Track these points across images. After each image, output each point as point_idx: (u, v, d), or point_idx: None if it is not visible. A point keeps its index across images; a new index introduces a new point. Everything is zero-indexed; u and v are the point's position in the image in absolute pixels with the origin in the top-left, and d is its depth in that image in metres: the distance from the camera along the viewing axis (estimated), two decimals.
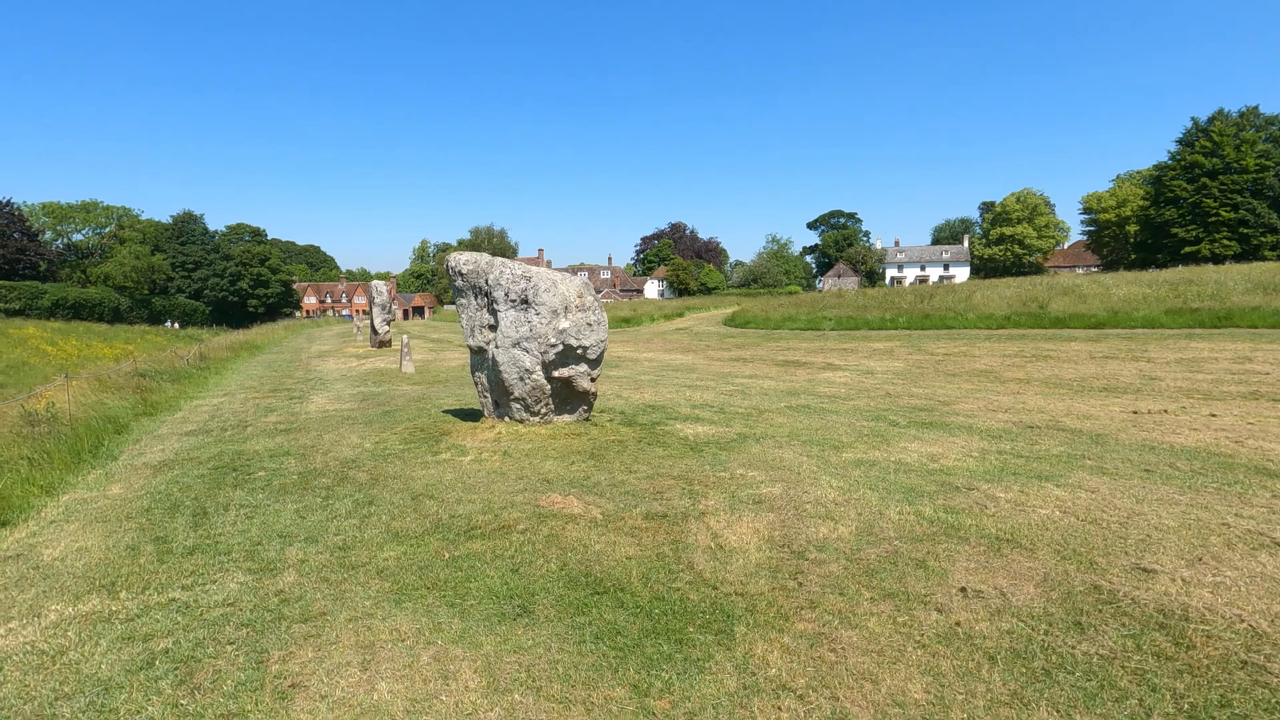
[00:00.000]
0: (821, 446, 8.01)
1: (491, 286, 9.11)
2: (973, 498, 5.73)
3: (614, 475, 6.82)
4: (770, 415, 10.56)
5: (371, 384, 16.65)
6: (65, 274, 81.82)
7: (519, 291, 8.94)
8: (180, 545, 5.22)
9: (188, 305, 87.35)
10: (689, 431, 9.22)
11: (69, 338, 57.24)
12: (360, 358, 24.92)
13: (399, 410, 11.96)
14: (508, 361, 9.00)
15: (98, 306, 74.42)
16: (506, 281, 9.00)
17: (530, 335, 8.91)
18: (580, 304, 9.04)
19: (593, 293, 9.23)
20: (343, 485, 6.87)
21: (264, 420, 11.50)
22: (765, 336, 30.46)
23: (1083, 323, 25.40)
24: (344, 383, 17.12)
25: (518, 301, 8.96)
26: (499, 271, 9.09)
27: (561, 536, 5.04)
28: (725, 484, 6.37)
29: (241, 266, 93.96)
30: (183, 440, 9.88)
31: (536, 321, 8.90)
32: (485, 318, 9.39)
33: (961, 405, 11.15)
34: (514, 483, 6.64)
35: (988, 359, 18.46)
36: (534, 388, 9.04)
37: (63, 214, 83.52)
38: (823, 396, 12.52)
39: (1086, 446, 7.73)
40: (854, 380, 15.07)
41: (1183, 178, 62.60)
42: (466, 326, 9.63)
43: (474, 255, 9.50)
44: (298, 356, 27.45)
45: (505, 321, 9.00)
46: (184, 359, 19.85)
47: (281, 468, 7.81)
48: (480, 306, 9.45)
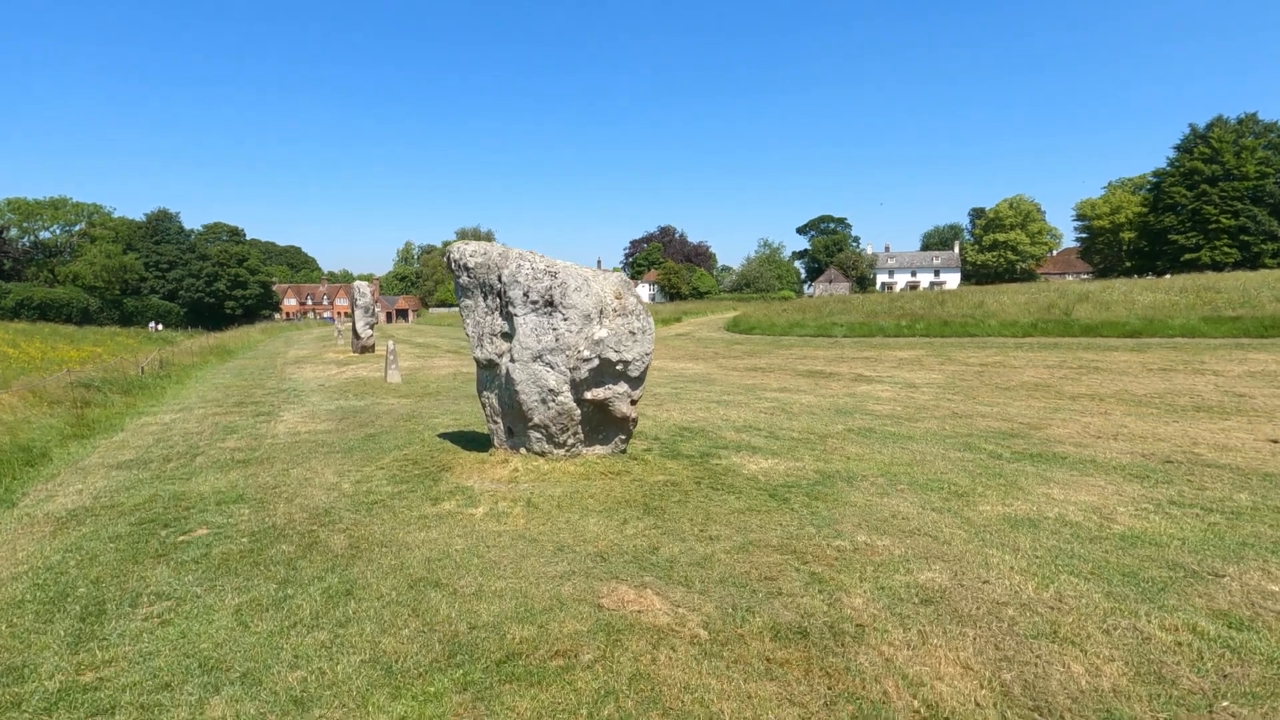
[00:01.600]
0: (941, 493, 6.18)
1: (507, 285, 7.19)
2: (1236, 593, 3.92)
3: (689, 544, 4.93)
4: (835, 442, 8.73)
5: (353, 396, 14.61)
6: (31, 273, 78.36)
7: (542, 291, 7.03)
8: (36, 695, 3.24)
9: (161, 306, 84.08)
10: (753, 467, 7.36)
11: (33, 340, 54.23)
12: (340, 364, 22.79)
13: (385, 433, 9.98)
14: (527, 380, 7.08)
15: (65, 307, 71.30)
16: (526, 279, 7.08)
17: (556, 346, 7.00)
18: (620, 307, 7.15)
19: (634, 292, 7.34)
20: (310, 558, 4.91)
21: (220, 446, 9.47)
22: (774, 343, 28.71)
23: (1116, 331, 23.93)
24: (321, 394, 15.06)
25: (540, 304, 7.05)
26: (516, 266, 7.17)
27: (657, 680, 3.13)
28: (855, 562, 4.50)
29: (219, 267, 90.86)
30: (110, 476, 7.83)
31: (564, 329, 6.99)
32: (497, 324, 7.46)
33: (1053, 430, 9.39)
34: (553, 556, 4.73)
35: (1031, 370, 16.79)
36: (560, 413, 7.13)
37: (29, 210, 79.97)
38: (880, 416, 10.72)
39: (1273, 493, 5.98)
40: (901, 395, 13.29)
41: (1182, 184, 62.02)
42: (473, 334, 7.69)
43: (484, 246, 7.57)
44: (272, 363, 25.24)
45: (524, 329, 7.08)
46: (140, 366, 17.64)
47: (229, 524, 5.83)
48: (491, 310, 7.52)
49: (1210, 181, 60.13)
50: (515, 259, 7.30)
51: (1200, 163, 61.03)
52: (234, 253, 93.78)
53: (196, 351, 26.76)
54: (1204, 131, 63.30)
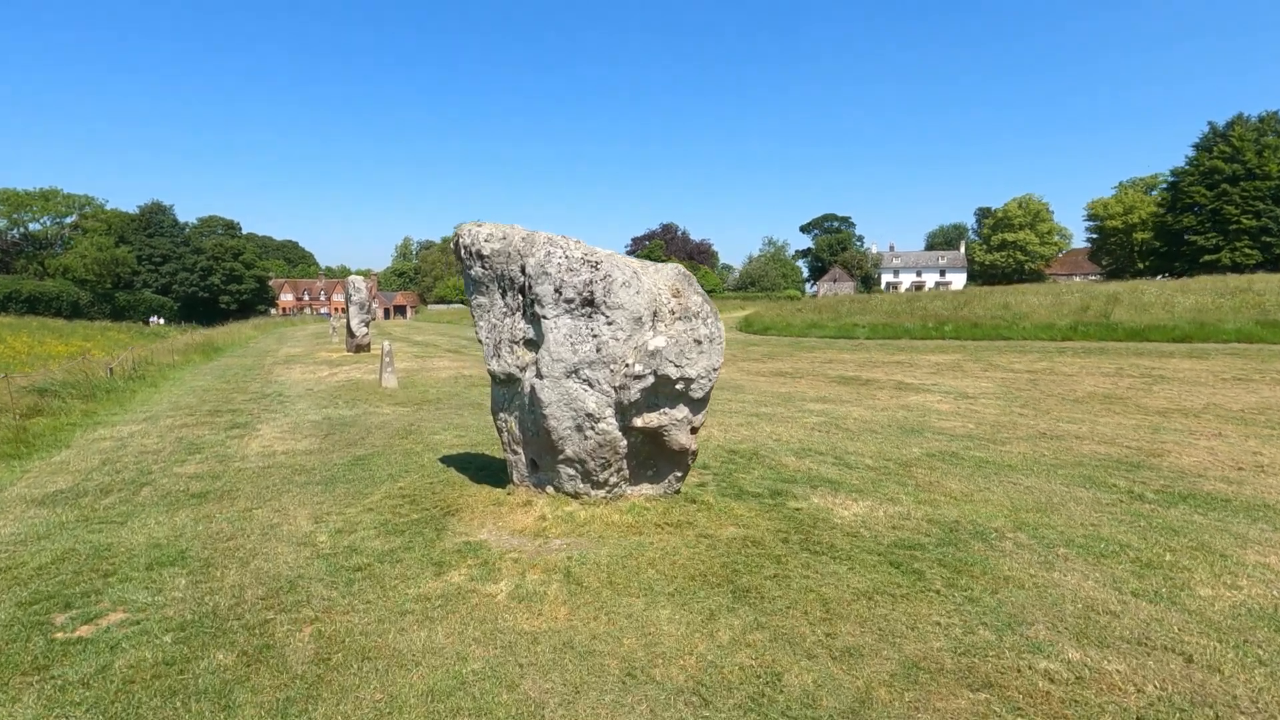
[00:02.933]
0: (1124, 564, 4.57)
1: (533, 278, 5.55)
2: None
3: (821, 666, 3.31)
4: (923, 473, 7.13)
5: (343, 404, 12.97)
6: (21, 265, 76.61)
7: (580, 286, 5.39)
8: None
9: (154, 300, 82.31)
10: (845, 514, 5.74)
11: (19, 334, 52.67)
12: (333, 365, 21.14)
13: (377, 455, 8.35)
14: (558, 401, 5.46)
15: (55, 300, 69.63)
16: (559, 270, 5.44)
17: (597, 359, 5.38)
18: (679, 308, 5.51)
19: (697, 288, 5.70)
20: (255, 683, 3.28)
21: (177, 472, 7.84)
22: (794, 345, 27.09)
23: (1164, 335, 22.37)
24: (308, 401, 13.41)
25: (577, 303, 5.42)
26: (544, 254, 5.54)
27: None
28: (1095, 709, 2.90)
29: (213, 261, 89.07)
30: (25, 517, 6.18)
31: (608, 336, 5.37)
32: (519, 328, 5.83)
33: (1177, 458, 7.77)
34: (622, 692, 3.12)
35: (1090, 378, 15.17)
36: (601, 444, 5.51)
37: (19, 201, 78.02)
38: (955, 436, 9.10)
39: None
40: (961, 408, 11.67)
41: (1201, 184, 60.45)
42: (487, 341, 6.05)
43: (503, 228, 5.94)
44: (261, 362, 23.58)
45: (556, 335, 5.45)
46: (108, 367, 15.97)
47: (154, 605, 4.20)
48: (511, 310, 5.89)
49: (1231, 181, 58.55)
50: (544, 245, 5.66)
51: (1221, 161, 59.45)
52: (229, 246, 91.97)
53: (179, 349, 25.08)
54: (1224, 130, 61.73)
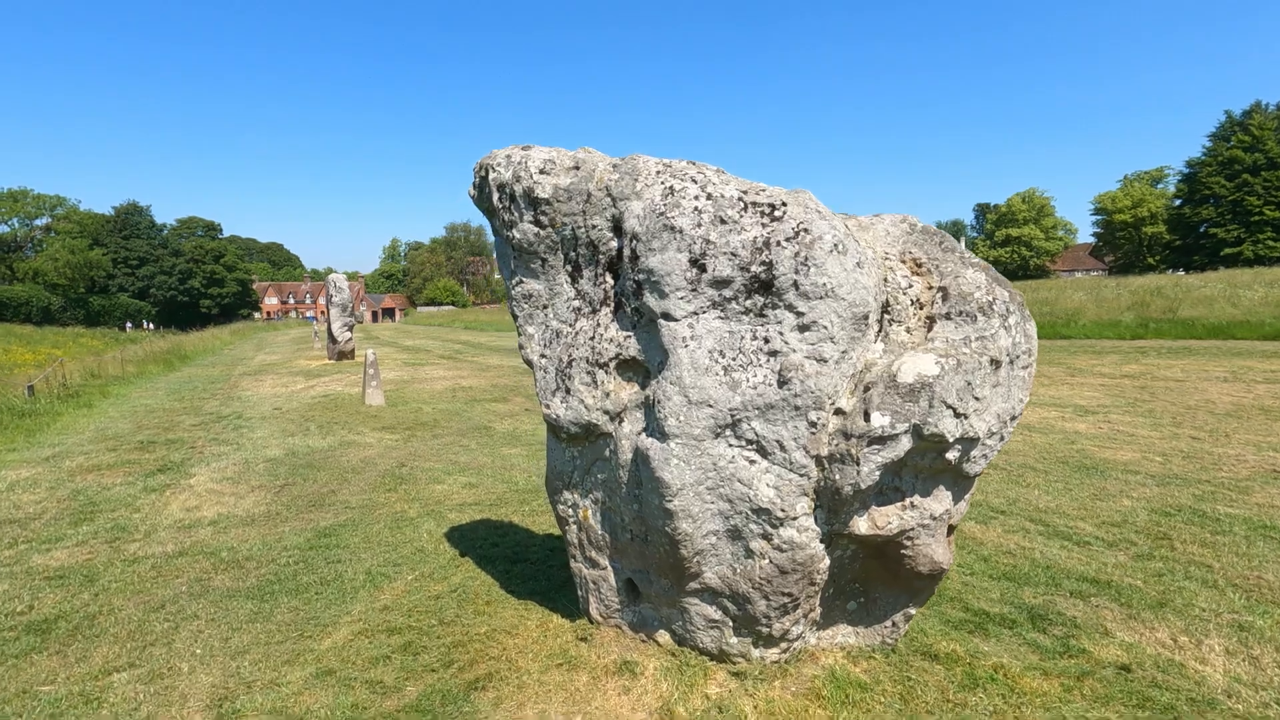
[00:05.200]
0: None
1: (640, 239, 2.81)
2: None
3: None
4: (1196, 550, 4.44)
5: (315, 430, 10.14)
6: None
7: (743, 255, 2.64)
8: None
9: (131, 305, 78.76)
10: (1201, 669, 3.03)
11: None
12: (310, 375, 18.25)
13: (350, 527, 5.55)
14: (697, 483, 2.72)
15: (24, 306, 66.23)
16: (697, 223, 2.69)
17: (783, 399, 2.63)
18: (937, 294, 2.78)
19: (963, 254, 2.95)
20: None
21: (30, 566, 5.00)
22: None
23: (1254, 333, 19.91)
24: (271, 426, 10.57)
25: (739, 287, 2.67)
26: (664, 193, 2.80)
27: None
28: None
29: (193, 263, 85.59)
30: None
31: (806, 353, 2.63)
32: (609, 336, 3.06)
33: None
34: None
35: (1206, 384, 12.50)
36: (784, 568, 2.76)
37: None
38: (1151, 475, 6.41)
39: None
40: (1103, 429, 8.99)
41: (1220, 174, 58.39)
42: (543, 361, 3.27)
43: (573, 154, 3.17)
44: (230, 372, 20.61)
45: (693, 352, 2.71)
46: (28, 385, 13.03)
47: None
48: (592, 302, 3.11)
49: (1252, 171, 56.48)
50: (660, 178, 2.91)
51: (1240, 151, 57.40)
52: (210, 249, 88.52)
53: (137, 359, 22.05)
54: (1242, 119, 59.74)
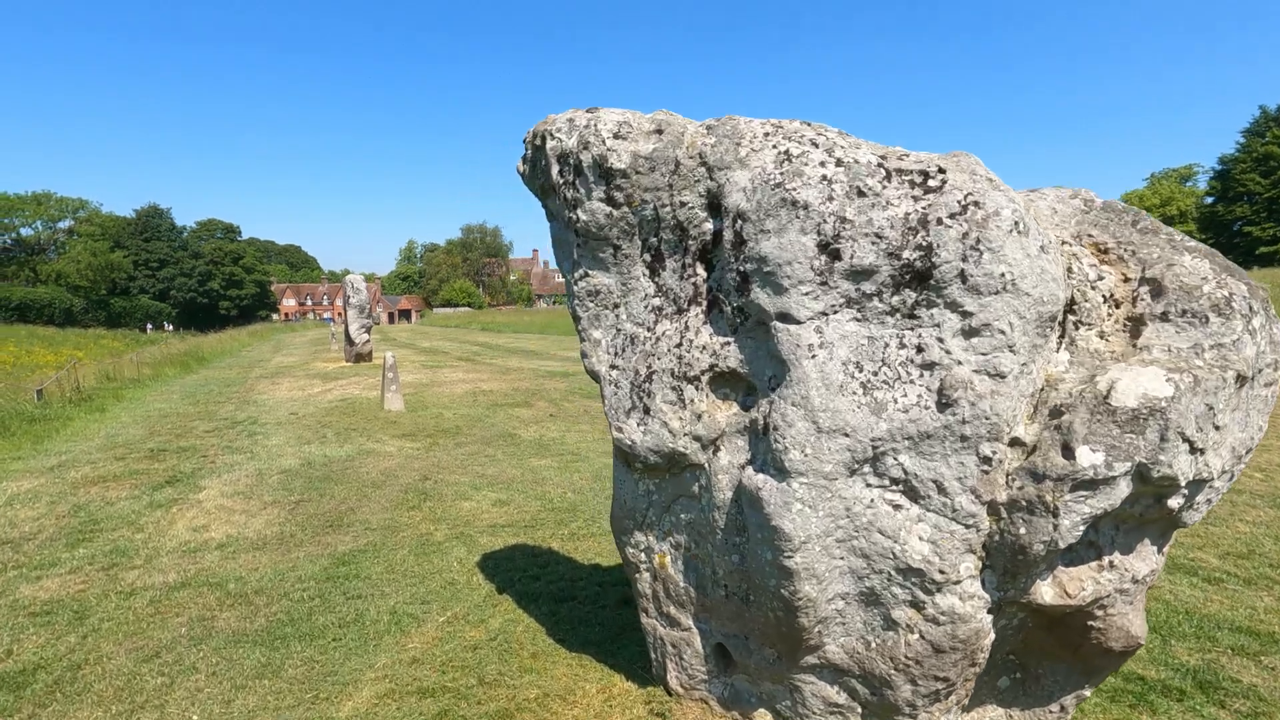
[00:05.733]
0: None
1: (746, 218, 2.17)
2: None
3: None
4: None
5: (332, 438, 9.61)
6: (12, 272, 73.91)
7: (890, 240, 2.02)
8: None
9: (152, 307, 79.57)
10: None
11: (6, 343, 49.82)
12: (327, 379, 17.81)
13: (371, 553, 4.96)
14: (825, 534, 2.07)
15: (47, 308, 67.09)
16: (826, 196, 2.07)
17: (943, 427, 2.00)
18: (1142, 288, 2.14)
19: (1171, 236, 2.30)
20: None
21: (18, 596, 4.47)
22: None
23: None
24: (287, 433, 10.06)
25: (885, 280, 2.04)
26: (777, 159, 2.17)
27: None
28: None
29: (212, 265, 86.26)
30: None
31: (976, 365, 1.98)
32: (703, 342, 2.42)
33: None
34: None
35: None
36: (937, 645, 2.12)
37: (10, 206, 75.22)
38: (1261, 496, 5.63)
39: None
40: None
41: (1255, 170, 56.65)
42: (615, 373, 2.65)
43: (652, 117, 2.55)
44: (246, 375, 20.25)
45: (822, 364, 2.07)
46: (37, 389, 12.64)
47: None
48: (678, 300, 2.47)
49: None
50: (762, 141, 2.27)
51: (1276, 146, 55.66)
52: (229, 251, 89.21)
53: (154, 361, 21.76)
54: (1277, 114, 57.95)
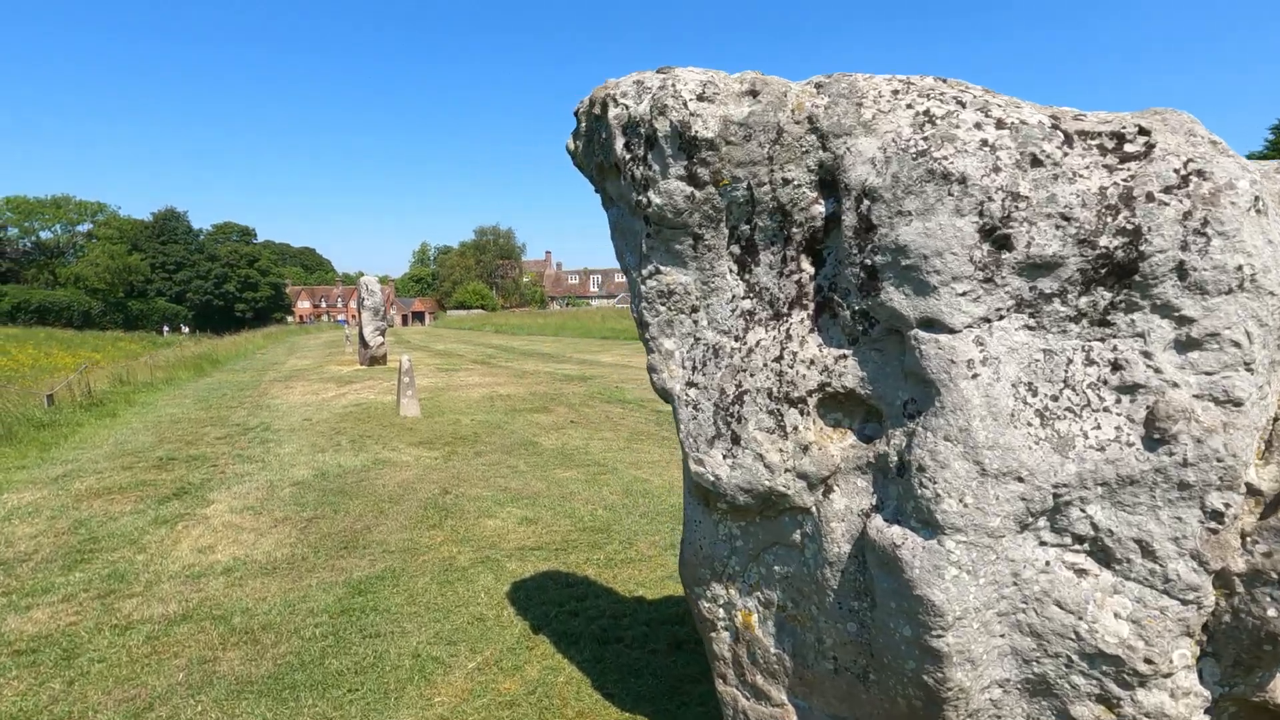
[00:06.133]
0: None
1: (877, 196, 1.66)
2: None
3: None
4: None
5: (346, 445, 9.21)
6: (32, 275, 74.78)
7: (1080, 209, 1.50)
8: None
9: (168, 309, 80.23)
10: None
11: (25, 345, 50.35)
12: (342, 382, 17.46)
13: (389, 580, 4.49)
14: (982, 607, 1.58)
15: (66, 310, 67.79)
16: (980, 170, 1.57)
17: (1158, 473, 1.50)
18: None
19: None
20: None
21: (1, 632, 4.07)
22: None
23: None
24: (299, 441, 9.67)
25: (1075, 277, 1.53)
26: (908, 113, 1.68)
27: None
28: None
29: (228, 268, 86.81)
30: None
31: (1195, 388, 1.46)
32: (806, 348, 1.90)
33: None
34: None
35: None
36: None
37: (29, 209, 76.17)
38: None
39: None
40: None
41: None
42: (695, 392, 2.12)
43: (740, 77, 2.05)
44: (260, 378, 19.98)
45: (984, 394, 1.54)
46: (47, 395, 12.36)
47: None
48: (776, 303, 1.95)
49: None
50: (892, 100, 1.78)
51: None
52: (244, 253, 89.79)
53: (168, 364, 21.55)
54: None
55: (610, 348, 29.48)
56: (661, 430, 10.08)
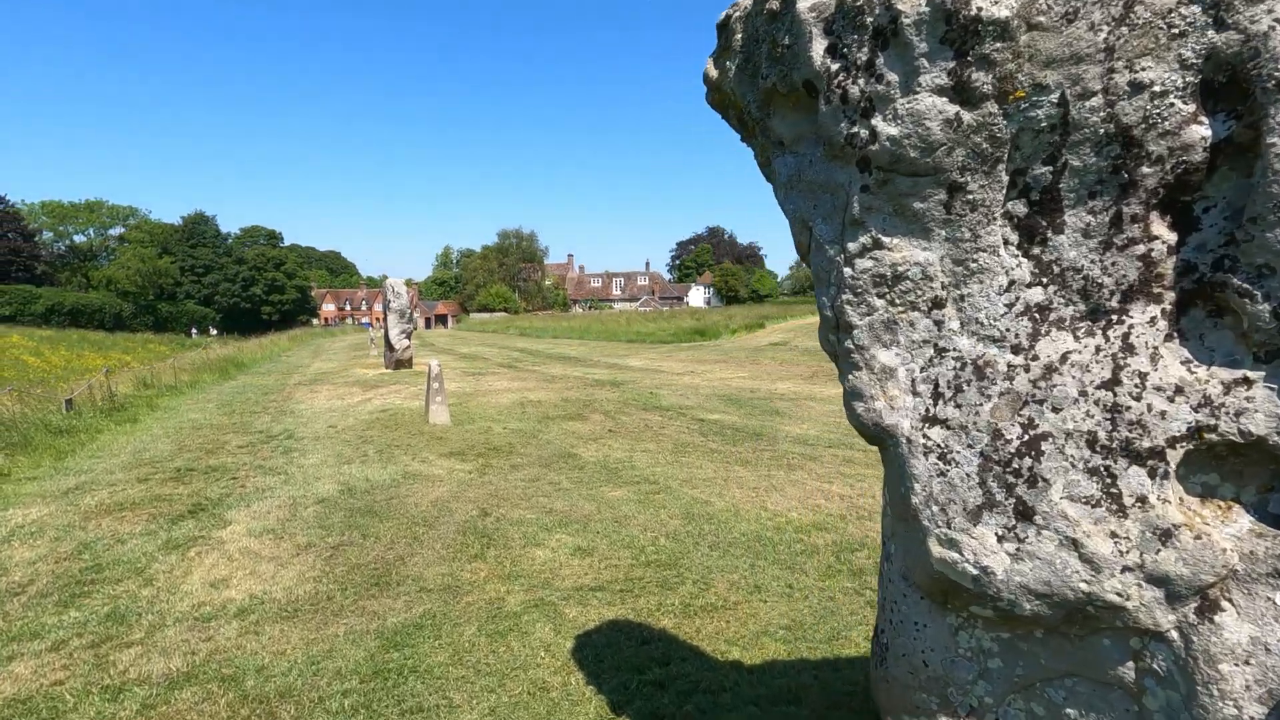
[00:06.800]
0: None
1: None
2: None
3: None
4: None
5: (374, 456, 8.57)
6: (65, 277, 76.19)
7: None
8: None
9: (197, 311, 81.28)
10: None
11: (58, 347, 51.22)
12: (368, 386, 16.93)
13: (427, 630, 3.75)
14: None
15: (97, 313, 68.93)
16: None
17: None
18: None
19: None
20: None
21: None
22: None
23: None
24: (325, 450, 9.06)
25: None
26: None
27: None
28: None
29: (255, 271, 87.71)
30: None
31: None
32: (1165, 368, 1.17)
33: None
34: None
35: None
36: None
37: (64, 214, 77.64)
38: None
39: None
40: None
41: None
42: (940, 433, 1.38)
43: None
44: (285, 382, 19.56)
45: None
46: (66, 400, 11.91)
47: None
48: (1092, 290, 1.21)
49: None
50: None
51: None
52: (271, 256, 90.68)
53: (192, 366, 21.24)
54: None
55: (637, 351, 28.77)
56: (708, 442, 9.31)
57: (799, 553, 5.00)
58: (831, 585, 4.35)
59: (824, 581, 4.42)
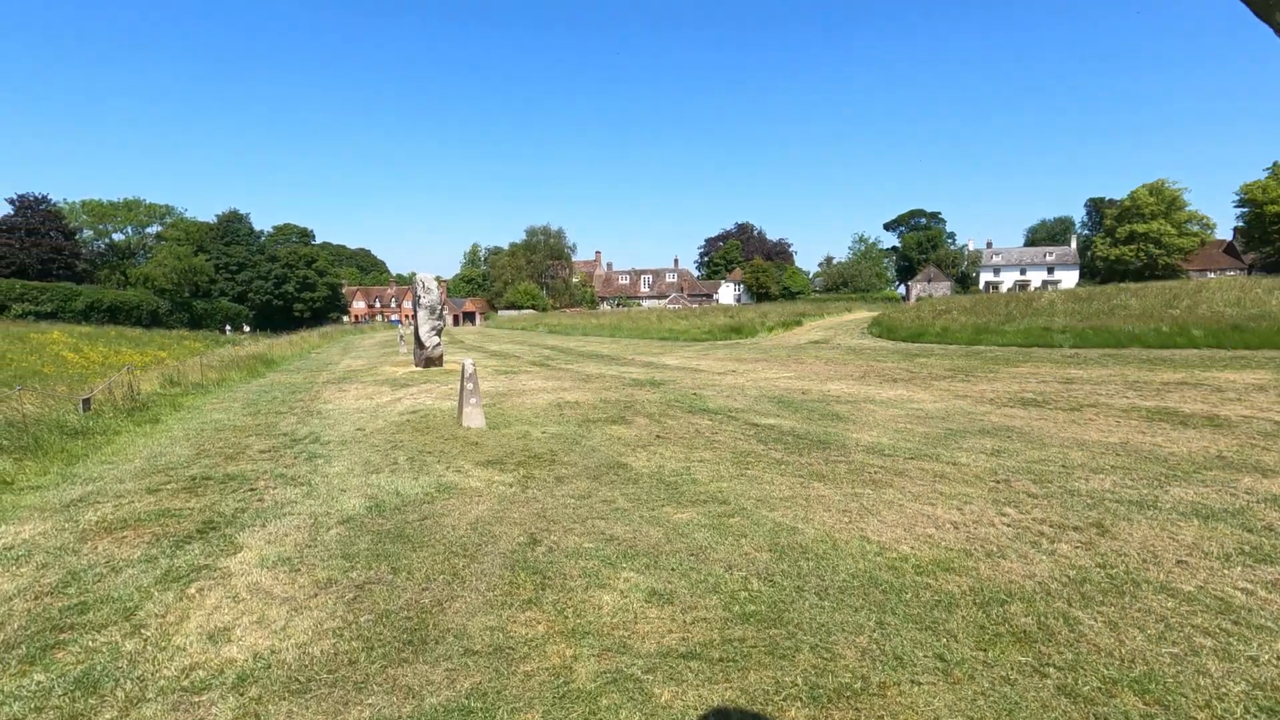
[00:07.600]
0: None
1: None
2: None
3: None
4: None
5: (403, 466, 7.74)
6: (104, 275, 77.67)
7: None
8: None
9: (230, 309, 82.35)
10: None
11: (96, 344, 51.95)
12: (397, 385, 16.24)
13: None
14: None
15: (135, 310, 70.15)
16: None
17: None
18: None
19: None
20: None
21: None
22: (973, 356, 20.60)
23: None
24: (351, 457, 8.26)
25: None
26: None
27: None
28: None
29: (287, 268, 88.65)
30: None
31: None
32: None
33: None
34: None
35: None
36: None
37: (103, 212, 79.16)
38: None
39: None
40: None
41: None
42: None
43: None
44: (314, 380, 19.02)
45: None
46: (83, 400, 11.32)
47: None
48: None
49: None
50: None
51: None
52: (303, 254, 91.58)
53: (220, 364, 20.82)
54: None
55: (671, 350, 27.80)
56: (770, 451, 8.26)
57: (932, 604, 3.98)
58: (999, 659, 3.33)
59: (985, 652, 3.40)
